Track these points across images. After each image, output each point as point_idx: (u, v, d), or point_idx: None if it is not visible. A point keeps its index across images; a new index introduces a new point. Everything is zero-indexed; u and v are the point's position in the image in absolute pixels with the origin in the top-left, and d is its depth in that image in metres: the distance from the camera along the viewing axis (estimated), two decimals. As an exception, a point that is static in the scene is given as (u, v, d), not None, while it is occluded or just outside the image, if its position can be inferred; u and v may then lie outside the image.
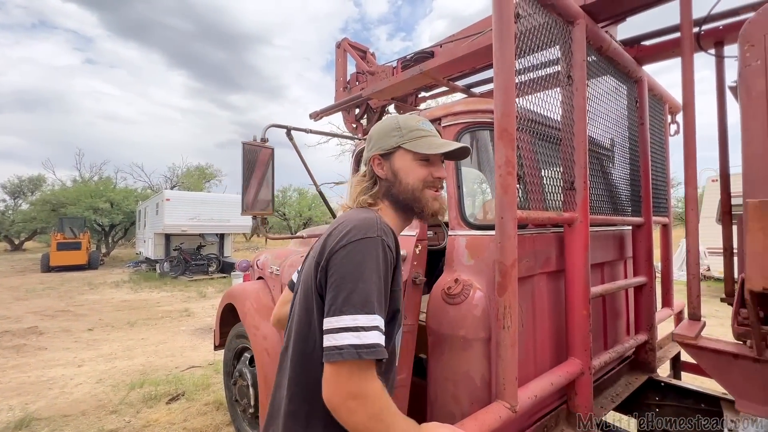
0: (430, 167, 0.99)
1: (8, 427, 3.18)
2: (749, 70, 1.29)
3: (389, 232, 0.88)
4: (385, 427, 0.75)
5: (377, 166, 1.01)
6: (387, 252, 0.83)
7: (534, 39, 1.43)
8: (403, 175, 0.98)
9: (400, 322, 0.97)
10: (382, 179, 1.00)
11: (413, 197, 0.98)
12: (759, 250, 0.86)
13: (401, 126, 0.99)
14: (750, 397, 1.15)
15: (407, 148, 0.97)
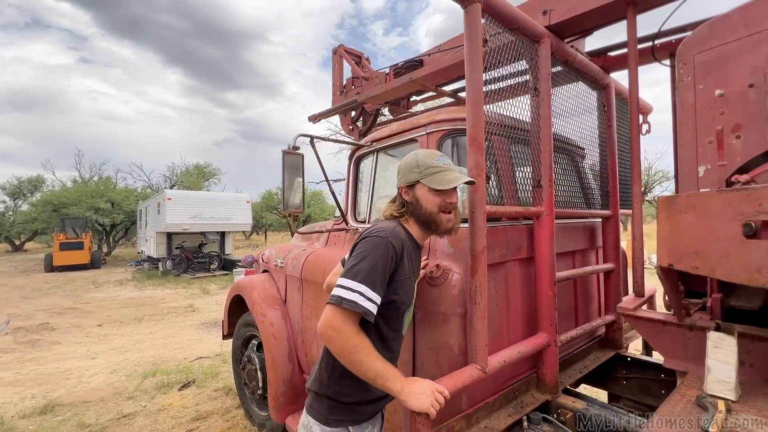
0: (443, 195, 1.27)
1: (34, 411, 3.43)
2: (682, 84, 1.53)
3: (397, 237, 1.19)
4: (358, 359, 1.07)
5: (405, 194, 1.31)
6: (390, 249, 1.15)
7: (504, 55, 1.66)
8: (423, 202, 1.27)
9: (403, 311, 1.27)
10: (408, 203, 1.31)
11: (431, 219, 1.27)
12: (665, 234, 1.10)
13: (419, 164, 1.27)
14: (675, 355, 1.39)
15: (424, 182, 1.26)
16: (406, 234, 1.30)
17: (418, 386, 1.13)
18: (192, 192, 18.41)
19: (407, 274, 1.24)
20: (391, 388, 1.10)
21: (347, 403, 1.21)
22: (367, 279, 1.09)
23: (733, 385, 1.06)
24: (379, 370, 1.09)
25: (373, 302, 1.09)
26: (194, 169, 29.99)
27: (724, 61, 1.41)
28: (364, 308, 1.06)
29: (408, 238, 1.29)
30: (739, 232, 0.98)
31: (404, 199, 1.32)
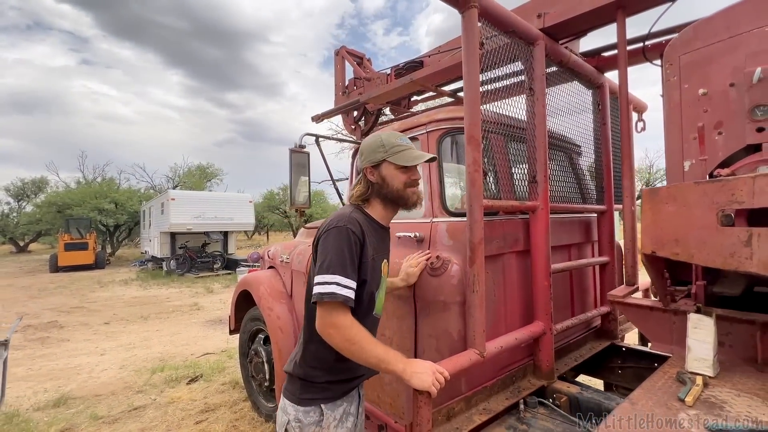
0: (408, 173, 1.34)
1: (48, 404, 3.53)
2: (669, 84, 1.62)
3: (355, 222, 1.24)
4: (359, 348, 1.13)
5: (369, 174, 1.36)
6: (350, 235, 1.20)
7: (500, 56, 1.75)
8: (390, 180, 1.33)
9: (372, 291, 1.31)
10: (373, 183, 1.35)
11: (398, 195, 1.34)
12: (648, 224, 1.19)
13: (384, 144, 1.33)
14: (661, 339, 1.48)
15: (391, 161, 1.32)
16: (366, 217, 1.34)
17: (420, 366, 1.20)
18: (195, 192, 18.56)
19: (371, 256, 1.28)
20: (394, 370, 1.16)
21: (318, 382, 1.27)
22: (338, 268, 1.15)
23: (711, 363, 1.14)
24: (380, 354, 1.16)
25: (349, 288, 1.15)
26: (196, 169, 30.16)
27: (707, 62, 1.49)
28: (344, 296, 1.13)
29: (368, 221, 1.33)
30: (714, 221, 1.07)
31: (369, 180, 1.36)
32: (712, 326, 1.15)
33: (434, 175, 1.89)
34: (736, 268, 1.03)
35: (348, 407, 1.33)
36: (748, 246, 1.01)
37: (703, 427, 0.88)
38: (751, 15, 1.37)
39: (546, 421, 1.61)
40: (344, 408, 1.31)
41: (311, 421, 1.25)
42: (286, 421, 1.27)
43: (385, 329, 1.90)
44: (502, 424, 1.57)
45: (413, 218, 1.96)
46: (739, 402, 1.00)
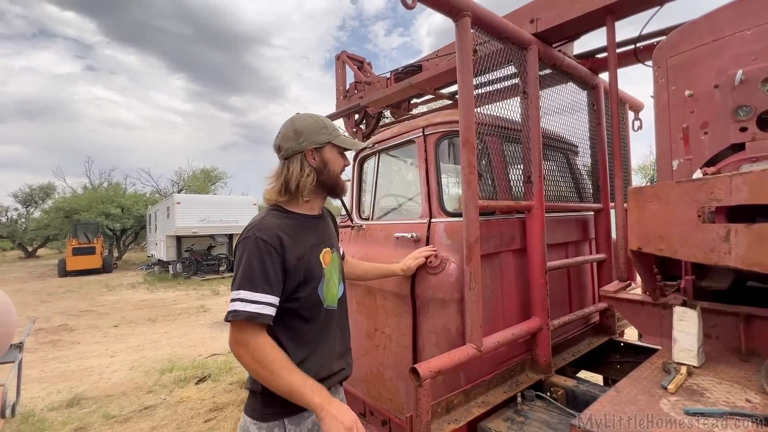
0: (344, 159, 1.31)
1: (61, 405, 3.63)
2: (658, 85, 1.67)
3: (267, 227, 1.14)
4: (268, 373, 1.03)
5: (310, 157, 1.23)
6: (260, 244, 1.09)
7: (494, 61, 1.81)
8: (332, 164, 1.26)
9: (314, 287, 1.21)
10: (315, 168, 1.23)
11: (336, 181, 1.29)
12: (634, 221, 1.24)
13: (327, 126, 1.26)
14: (651, 332, 1.53)
15: (335, 143, 1.24)
16: (286, 216, 1.22)
17: (340, 412, 1.06)
18: (200, 196, 18.75)
19: (298, 255, 1.17)
20: (309, 403, 1.05)
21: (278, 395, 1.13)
22: (244, 283, 1.06)
23: (695, 353, 1.20)
24: (295, 383, 1.04)
25: (259, 303, 1.05)
26: (201, 173, 30.43)
27: (693, 64, 1.54)
28: (248, 312, 1.03)
29: (289, 219, 1.22)
30: (695, 218, 1.12)
31: (310, 165, 1.23)
32: (696, 318, 1.20)
33: (432, 177, 1.95)
34: (716, 263, 1.09)
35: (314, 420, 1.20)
36: (726, 241, 1.07)
37: (681, 411, 0.94)
38: (733, 19, 1.43)
39: (543, 414, 1.66)
40: (313, 419, 1.19)
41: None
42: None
43: (385, 327, 1.97)
44: (500, 416, 1.63)
45: (411, 219, 2.03)
46: (719, 389, 1.05)
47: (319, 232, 1.30)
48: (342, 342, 1.36)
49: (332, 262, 1.32)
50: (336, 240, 1.44)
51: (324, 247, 1.29)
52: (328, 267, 1.28)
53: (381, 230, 2.18)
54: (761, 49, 1.36)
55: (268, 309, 1.07)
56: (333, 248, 1.35)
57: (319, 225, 1.32)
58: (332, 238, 1.39)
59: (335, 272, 1.33)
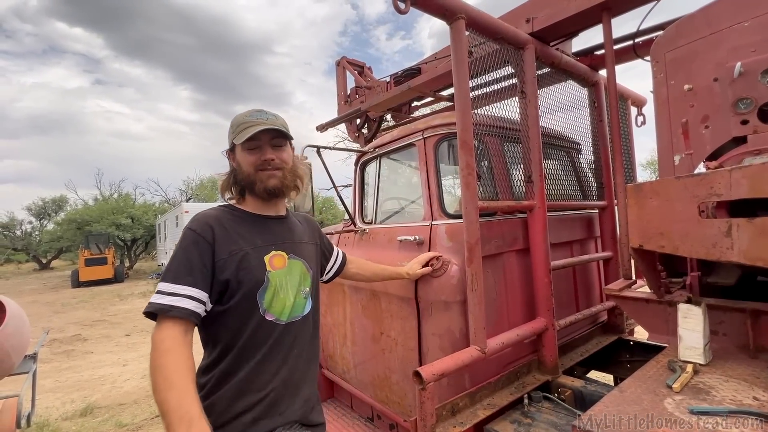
0: (258, 153, 1.15)
1: (75, 414, 3.69)
2: (657, 80, 1.66)
3: (202, 220, 1.10)
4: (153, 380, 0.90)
5: (230, 159, 1.22)
6: (189, 234, 1.06)
7: (490, 62, 1.81)
8: (241, 165, 1.17)
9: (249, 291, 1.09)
10: (234, 170, 1.21)
11: (249, 180, 1.16)
12: (634, 219, 1.23)
13: (233, 125, 1.17)
14: (657, 330, 1.51)
15: (236, 142, 1.14)
16: (231, 211, 1.18)
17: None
18: (208, 204, 18.90)
19: (236, 249, 1.09)
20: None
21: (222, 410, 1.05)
22: (166, 274, 1.00)
23: (701, 351, 1.18)
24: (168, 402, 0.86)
25: (175, 295, 0.97)
26: (208, 181, 30.74)
27: (691, 58, 1.53)
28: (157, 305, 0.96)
29: (233, 215, 1.17)
30: (695, 213, 1.11)
31: (231, 167, 1.22)
32: (701, 315, 1.19)
33: (432, 180, 1.96)
34: (718, 259, 1.08)
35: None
36: (728, 237, 1.05)
37: (685, 410, 0.92)
38: (730, 11, 1.41)
39: (550, 415, 1.65)
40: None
41: None
42: None
43: (391, 330, 1.97)
44: (506, 418, 1.62)
45: (413, 222, 2.03)
46: (726, 387, 1.03)
47: (272, 234, 1.20)
48: (302, 373, 1.18)
49: (286, 270, 1.18)
50: (303, 249, 1.27)
51: (275, 250, 1.17)
52: (277, 272, 1.15)
53: (384, 234, 2.19)
54: (760, 40, 1.34)
55: (186, 302, 0.97)
56: (292, 255, 1.21)
57: (273, 226, 1.22)
58: (293, 243, 1.24)
59: (291, 282, 1.18)
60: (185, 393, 0.88)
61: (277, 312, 1.14)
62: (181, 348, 0.94)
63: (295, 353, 1.17)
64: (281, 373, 1.13)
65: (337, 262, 1.60)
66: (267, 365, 1.11)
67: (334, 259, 1.58)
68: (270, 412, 1.09)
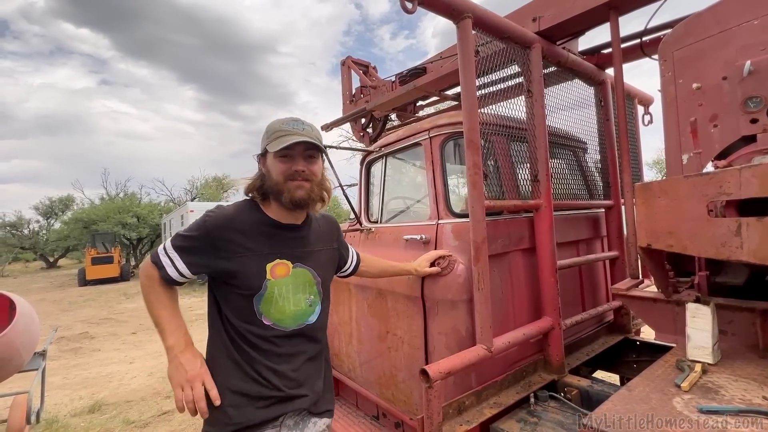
0: (290, 162, 1.15)
1: (83, 411, 3.73)
2: (665, 79, 1.65)
3: (223, 211, 1.18)
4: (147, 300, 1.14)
5: (260, 164, 1.24)
6: (208, 226, 1.13)
7: (497, 61, 1.81)
8: (270, 171, 1.18)
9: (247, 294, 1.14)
10: (264, 175, 1.22)
11: (277, 189, 1.16)
12: (642, 218, 1.23)
13: (268, 131, 1.19)
14: (665, 329, 1.50)
15: (270, 150, 1.15)
16: (253, 211, 1.21)
17: (187, 360, 1.08)
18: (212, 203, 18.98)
19: (241, 253, 1.13)
20: (164, 341, 1.10)
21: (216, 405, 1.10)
22: (178, 244, 1.14)
23: (710, 350, 1.18)
24: (161, 317, 1.11)
25: (173, 266, 1.11)
26: (213, 181, 30.89)
27: (699, 57, 1.52)
28: (158, 259, 1.12)
29: (253, 215, 1.20)
30: (704, 212, 1.11)
31: (260, 169, 1.24)
32: (709, 315, 1.18)
33: (438, 179, 1.96)
34: (728, 258, 1.07)
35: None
36: (738, 236, 1.05)
37: (694, 409, 0.92)
38: (739, 9, 1.40)
39: (557, 414, 1.65)
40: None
41: None
42: None
43: (397, 329, 1.97)
44: (512, 417, 1.62)
45: (420, 221, 2.04)
46: (735, 386, 1.03)
47: (282, 242, 1.21)
48: (311, 372, 1.25)
49: (290, 278, 1.19)
50: (313, 256, 1.28)
51: (279, 258, 1.18)
52: (278, 280, 1.17)
53: (390, 233, 2.20)
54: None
55: (173, 270, 1.12)
56: (299, 264, 1.22)
57: (286, 234, 1.23)
58: (303, 252, 1.25)
59: (292, 291, 1.19)
60: (175, 315, 1.15)
61: (276, 319, 1.18)
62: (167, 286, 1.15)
63: (303, 357, 1.23)
64: (288, 374, 1.18)
65: (353, 263, 1.64)
66: (271, 365, 1.16)
67: (350, 260, 1.62)
68: (282, 401, 1.17)
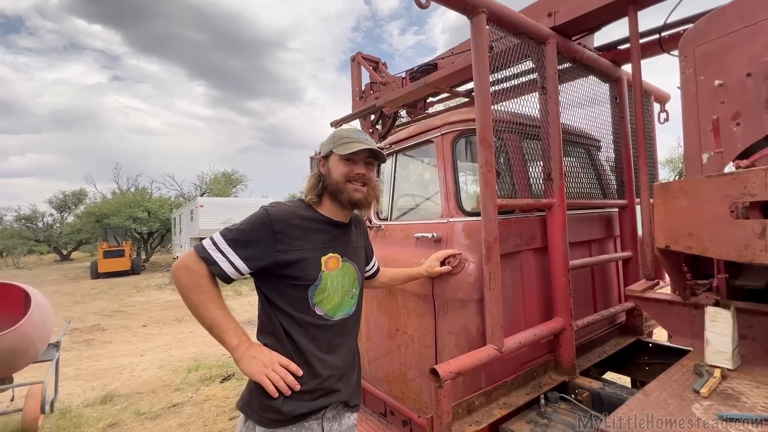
0: (351, 165, 1.27)
1: (96, 401, 3.80)
2: (685, 76, 1.60)
3: (281, 208, 1.21)
4: (196, 301, 1.07)
5: (321, 165, 1.33)
6: (267, 219, 1.16)
7: (511, 56, 1.78)
8: (333, 172, 1.28)
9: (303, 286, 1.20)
10: (323, 175, 1.31)
11: (338, 188, 1.26)
12: (661, 218, 1.19)
13: (335, 137, 1.32)
14: (682, 333, 1.47)
15: (335, 151, 1.27)
16: (307, 210, 1.28)
17: (258, 351, 1.12)
18: (222, 199, 19.22)
19: (299, 246, 1.19)
20: (226, 342, 1.10)
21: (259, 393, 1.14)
22: (229, 232, 1.13)
23: (729, 355, 1.14)
24: (218, 318, 1.09)
25: (225, 257, 1.10)
26: (222, 176, 31.18)
27: (722, 53, 1.47)
28: (207, 254, 1.09)
29: (308, 213, 1.27)
30: (727, 213, 1.07)
31: (320, 172, 1.32)
32: (729, 319, 1.15)
33: (449, 176, 1.94)
34: (751, 261, 1.04)
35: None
36: (762, 238, 1.01)
37: (714, 416, 0.90)
38: (765, 3, 1.35)
39: (567, 416, 1.62)
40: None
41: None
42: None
43: (407, 327, 1.97)
44: (522, 418, 1.60)
45: (431, 219, 2.02)
46: (756, 393, 1.00)
47: (332, 236, 1.30)
48: (350, 362, 1.33)
49: (339, 271, 1.29)
50: (355, 252, 1.39)
51: (332, 252, 1.28)
52: (331, 273, 1.26)
53: (400, 231, 2.18)
54: (798, 34, 1.28)
55: (227, 266, 1.10)
56: (346, 258, 1.33)
57: (336, 231, 1.32)
58: (348, 247, 1.36)
59: (341, 284, 1.29)
60: (229, 316, 1.13)
61: (327, 308, 1.25)
62: (216, 284, 1.13)
63: (345, 347, 1.31)
64: (333, 364, 1.25)
65: (374, 266, 1.67)
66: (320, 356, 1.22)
67: (373, 261, 1.66)
68: (326, 394, 1.23)
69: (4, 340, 2.90)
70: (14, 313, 3.17)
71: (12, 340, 2.95)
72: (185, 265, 1.10)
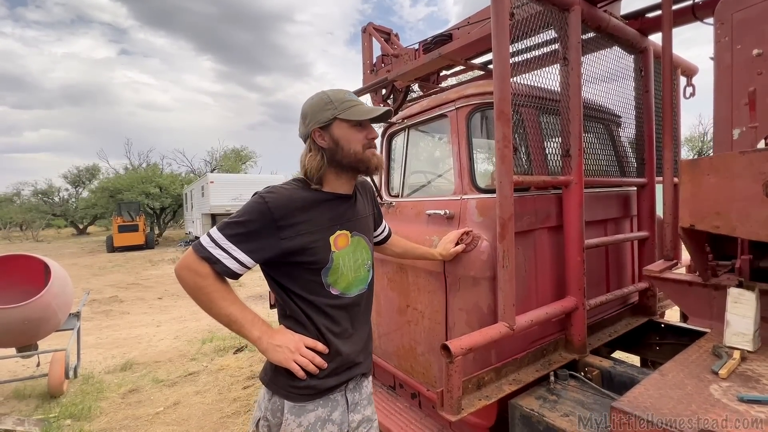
0: (364, 131, 1.16)
1: (116, 369, 3.97)
2: (720, 45, 1.50)
3: (280, 194, 1.09)
4: (208, 300, 1.03)
5: (318, 138, 1.15)
6: (264, 208, 1.05)
7: (532, 25, 1.69)
8: (344, 143, 1.13)
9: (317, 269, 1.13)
10: (325, 149, 1.14)
11: (357, 159, 1.15)
12: (687, 196, 1.14)
13: (333, 100, 1.13)
14: (700, 314, 1.44)
15: (342, 117, 1.11)
16: (305, 188, 1.16)
17: (281, 339, 1.08)
18: (232, 175, 19.31)
19: (306, 228, 1.11)
20: (248, 336, 1.06)
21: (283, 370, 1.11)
22: (227, 227, 1.05)
23: (750, 337, 1.12)
24: (234, 314, 1.04)
25: (227, 253, 1.02)
26: (232, 152, 31.21)
27: (764, 19, 1.37)
28: (208, 253, 1.02)
29: (305, 191, 1.15)
30: (759, 192, 1.02)
31: (319, 146, 1.15)
32: (753, 301, 1.12)
33: (464, 152, 1.89)
34: (782, 241, 0.99)
35: (328, 413, 1.15)
36: (796, 218, 0.97)
37: (734, 398, 0.88)
38: (817, -37, 1.24)
39: (577, 393, 1.63)
40: (317, 414, 1.13)
41: (276, 422, 1.12)
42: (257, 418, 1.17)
43: (417, 303, 1.97)
44: (531, 394, 1.61)
45: (443, 196, 1.99)
46: (777, 376, 0.98)
47: (337, 213, 1.20)
48: (367, 334, 1.34)
49: (350, 248, 1.21)
50: (363, 223, 1.30)
51: (340, 229, 1.19)
52: (341, 251, 1.18)
53: (412, 207, 2.16)
54: None
55: (231, 262, 1.03)
56: (354, 232, 1.24)
57: (341, 205, 1.22)
58: (354, 220, 1.26)
59: (353, 259, 1.22)
60: (245, 308, 1.08)
61: (342, 287, 1.20)
62: (223, 281, 1.06)
63: (362, 320, 1.30)
64: (353, 339, 1.24)
65: (385, 232, 1.62)
66: (342, 334, 1.20)
67: (383, 226, 1.60)
68: (349, 368, 1.23)
69: (26, 310, 3.01)
70: (35, 284, 3.28)
71: (34, 310, 3.06)
72: (187, 267, 1.03)
